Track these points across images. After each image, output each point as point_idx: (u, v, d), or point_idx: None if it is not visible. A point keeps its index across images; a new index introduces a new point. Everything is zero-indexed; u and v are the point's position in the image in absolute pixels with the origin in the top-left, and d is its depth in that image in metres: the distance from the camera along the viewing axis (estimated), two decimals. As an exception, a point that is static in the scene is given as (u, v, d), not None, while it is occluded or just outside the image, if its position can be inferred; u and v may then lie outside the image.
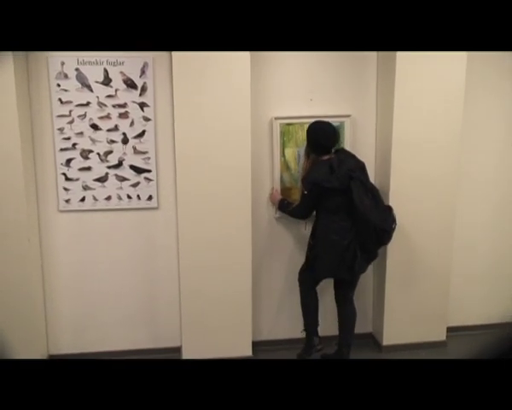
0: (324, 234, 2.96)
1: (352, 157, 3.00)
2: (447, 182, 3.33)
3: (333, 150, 3.00)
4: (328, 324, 3.37)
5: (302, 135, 3.21)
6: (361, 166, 2.98)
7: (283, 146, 3.28)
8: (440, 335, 3.54)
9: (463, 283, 3.69)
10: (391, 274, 3.37)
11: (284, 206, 3.18)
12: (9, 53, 2.81)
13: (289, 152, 3.30)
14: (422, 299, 3.45)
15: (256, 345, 3.42)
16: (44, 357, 3.29)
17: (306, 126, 3.07)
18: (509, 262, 3.75)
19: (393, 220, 2.97)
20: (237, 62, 3.01)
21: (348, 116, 3.31)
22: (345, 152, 3.05)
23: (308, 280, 3.18)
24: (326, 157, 2.95)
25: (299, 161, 3.29)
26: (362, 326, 3.48)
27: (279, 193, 3.28)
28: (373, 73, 3.38)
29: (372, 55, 3.36)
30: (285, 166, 3.31)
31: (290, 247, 3.44)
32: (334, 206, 2.90)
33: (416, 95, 3.20)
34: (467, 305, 3.75)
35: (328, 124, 2.98)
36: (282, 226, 3.41)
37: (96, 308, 3.37)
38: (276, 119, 3.23)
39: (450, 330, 3.59)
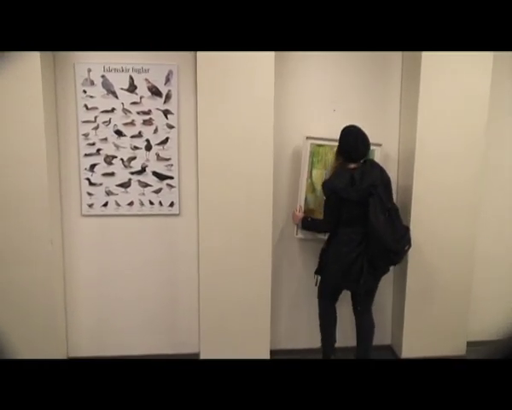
0: (335, 244, 2.94)
1: (378, 171, 2.91)
2: (469, 195, 3.30)
3: (361, 161, 2.93)
4: (346, 335, 3.36)
5: (331, 157, 3.15)
6: (385, 182, 2.91)
7: (311, 167, 3.20)
8: (460, 349, 3.50)
9: (484, 297, 3.65)
10: (411, 286, 3.35)
11: (308, 223, 3.14)
12: (38, 59, 2.85)
13: (317, 174, 3.22)
14: (442, 312, 3.42)
15: (274, 354, 3.42)
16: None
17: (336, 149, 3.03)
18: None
19: (408, 242, 2.92)
20: (261, 72, 3.02)
21: (379, 145, 3.25)
22: (372, 164, 2.95)
23: (325, 294, 3.16)
24: (352, 166, 2.90)
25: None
26: (381, 338, 3.46)
27: (302, 212, 3.22)
28: (397, 85, 3.38)
29: (397, 66, 3.35)
30: (311, 187, 3.24)
31: (309, 256, 3.42)
32: (350, 218, 2.87)
33: (440, 105, 3.18)
34: (487, 319, 3.69)
35: (363, 134, 2.89)
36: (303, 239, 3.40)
37: (115, 313, 3.39)
38: (308, 138, 3.15)
39: (470, 344, 3.54)
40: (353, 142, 2.88)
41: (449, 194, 3.27)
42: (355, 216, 2.86)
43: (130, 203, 3.26)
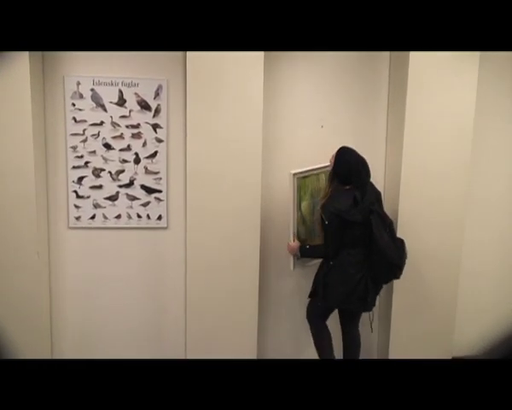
0: (340, 265, 2.84)
1: (372, 187, 2.91)
2: (456, 209, 3.34)
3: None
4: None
5: (318, 185, 3.12)
6: (377, 197, 2.92)
7: (300, 200, 3.09)
8: (445, 364, 3.53)
9: (470, 312, 3.68)
10: (397, 301, 3.37)
11: (307, 250, 3.00)
12: (27, 70, 2.85)
13: (305, 205, 3.12)
14: (428, 327, 3.44)
15: (260, 368, 3.42)
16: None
17: (322, 176, 3.02)
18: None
19: (406, 255, 2.89)
20: (251, 87, 3.05)
21: None
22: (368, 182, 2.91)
23: (317, 314, 3.07)
24: (348, 186, 2.85)
25: (313, 213, 3.12)
26: (367, 353, 3.47)
27: (297, 241, 3.05)
28: (384, 98, 3.43)
29: (384, 76, 3.41)
30: (301, 220, 3.12)
31: (298, 269, 3.41)
32: (353, 239, 2.81)
33: (426, 119, 3.22)
34: (473, 335, 3.73)
35: (361, 159, 2.85)
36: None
37: (101, 325, 3.38)
38: (295, 175, 2.99)
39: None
40: (355, 165, 2.82)
41: (435, 208, 3.31)
42: (358, 236, 2.81)
43: (118, 216, 3.26)
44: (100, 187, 3.23)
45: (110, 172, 3.22)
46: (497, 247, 3.69)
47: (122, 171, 3.22)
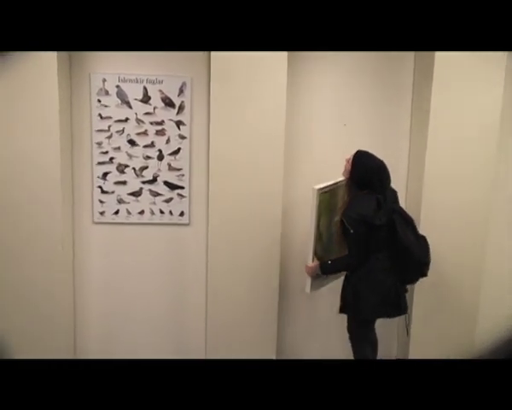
0: (369, 273, 2.71)
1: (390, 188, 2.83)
2: (479, 210, 3.30)
3: None
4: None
5: (335, 198, 2.92)
6: (395, 195, 2.86)
7: (319, 216, 2.85)
8: (466, 365, 3.50)
9: (492, 314, 3.65)
10: (418, 301, 3.35)
11: (329, 266, 2.81)
12: (54, 68, 2.91)
13: (324, 221, 2.90)
14: (449, 328, 3.41)
15: (279, 364, 3.44)
16: (72, 364, 3.36)
17: (339, 191, 2.87)
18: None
19: (429, 251, 2.76)
20: (274, 86, 3.06)
21: None
22: None
23: (361, 334, 2.90)
24: (367, 190, 2.71)
25: (330, 228, 2.94)
26: (386, 352, 3.46)
27: (316, 261, 2.86)
28: (408, 97, 3.40)
29: (408, 75, 3.37)
30: (319, 237, 2.91)
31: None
32: (378, 242, 2.69)
33: (451, 120, 3.19)
34: (494, 332, 3.70)
35: (381, 163, 2.72)
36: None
37: (123, 319, 3.44)
38: (319, 190, 2.78)
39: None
40: (376, 169, 2.70)
41: (457, 213, 3.28)
42: (383, 240, 2.71)
43: (141, 212, 3.31)
44: (124, 183, 3.27)
45: (134, 169, 3.26)
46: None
47: (146, 167, 3.26)
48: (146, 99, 3.19)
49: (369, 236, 2.66)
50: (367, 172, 2.70)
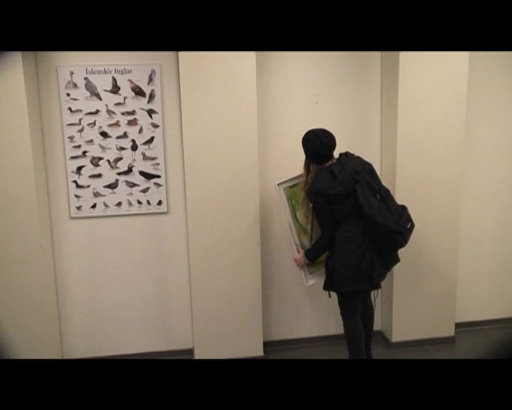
0: (338, 245, 2.78)
1: (355, 159, 2.85)
2: (452, 180, 3.38)
3: (334, 155, 2.85)
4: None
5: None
6: (368, 168, 2.87)
7: (294, 210, 3.00)
8: (449, 331, 3.58)
9: (471, 279, 3.75)
10: (399, 272, 3.41)
11: (311, 251, 2.92)
12: (20, 64, 2.86)
13: (301, 215, 3.02)
14: (430, 296, 3.50)
15: (267, 345, 3.47)
16: (59, 362, 3.34)
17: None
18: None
19: (409, 220, 2.75)
20: (243, 70, 3.06)
21: None
22: (347, 154, 2.87)
23: (347, 309, 2.94)
24: (327, 164, 2.81)
25: (310, 220, 3.00)
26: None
27: (301, 251, 2.98)
28: (377, 78, 3.45)
29: (376, 60, 3.43)
30: (301, 230, 3.04)
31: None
32: (343, 213, 2.75)
33: (419, 96, 3.26)
34: (474, 301, 3.79)
35: (323, 130, 2.83)
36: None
37: (108, 313, 3.42)
38: (279, 185, 2.97)
39: (458, 325, 3.64)
40: (321, 145, 2.78)
41: (432, 182, 3.36)
42: (348, 210, 2.75)
43: (119, 204, 3.29)
44: (99, 176, 3.25)
45: (108, 161, 3.24)
46: (495, 213, 3.74)
47: (120, 158, 3.24)
48: (115, 90, 3.17)
49: (330, 207, 2.75)
50: (312, 144, 2.80)
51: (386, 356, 3.44)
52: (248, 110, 3.12)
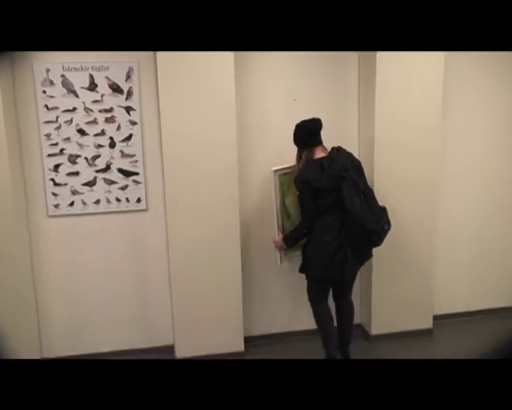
0: (316, 234, 2.88)
1: (346, 155, 2.90)
2: (429, 175, 3.44)
3: (323, 143, 2.93)
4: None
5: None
6: (356, 166, 2.90)
7: (283, 196, 3.14)
8: (427, 323, 3.65)
9: (448, 271, 3.81)
10: (377, 266, 3.46)
11: (290, 236, 3.02)
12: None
13: (289, 201, 3.15)
14: (408, 289, 3.55)
15: (248, 340, 3.49)
16: (38, 361, 3.31)
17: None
18: (492, 249, 3.89)
19: (386, 222, 2.88)
20: (221, 67, 3.07)
21: None
22: (339, 150, 2.93)
23: (314, 295, 3.08)
24: (318, 156, 2.88)
25: (298, 208, 3.06)
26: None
27: (280, 234, 3.09)
28: (355, 76, 3.48)
29: (354, 58, 3.46)
30: (286, 215, 3.17)
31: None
32: (326, 206, 2.83)
33: (396, 95, 3.31)
34: (452, 293, 3.86)
35: (310, 120, 2.91)
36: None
37: (88, 311, 3.40)
38: (276, 171, 3.07)
39: (436, 318, 3.70)
40: (307, 131, 2.89)
41: (408, 177, 3.41)
42: (331, 204, 2.82)
43: (97, 201, 3.27)
44: (77, 173, 3.23)
45: (86, 158, 3.22)
46: (471, 206, 3.81)
47: (98, 156, 3.23)
48: (93, 87, 3.15)
49: (314, 198, 2.83)
50: (299, 129, 2.92)
51: (366, 349, 3.49)
52: (227, 108, 3.12)
